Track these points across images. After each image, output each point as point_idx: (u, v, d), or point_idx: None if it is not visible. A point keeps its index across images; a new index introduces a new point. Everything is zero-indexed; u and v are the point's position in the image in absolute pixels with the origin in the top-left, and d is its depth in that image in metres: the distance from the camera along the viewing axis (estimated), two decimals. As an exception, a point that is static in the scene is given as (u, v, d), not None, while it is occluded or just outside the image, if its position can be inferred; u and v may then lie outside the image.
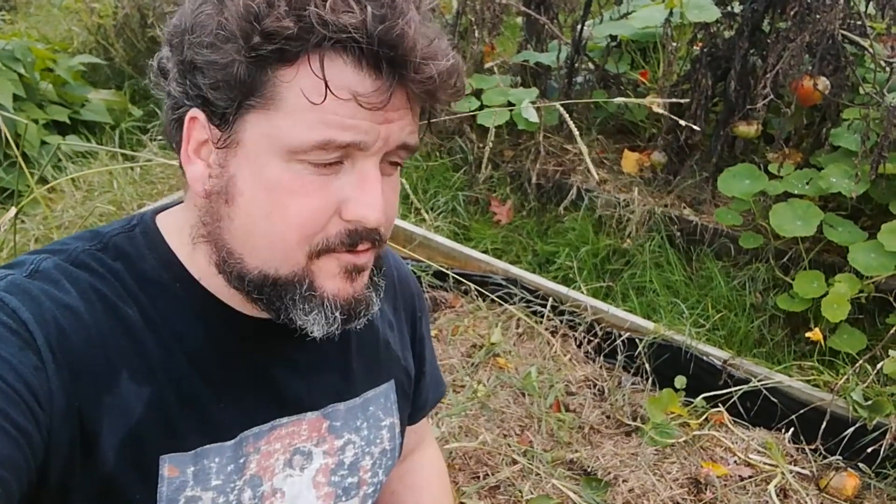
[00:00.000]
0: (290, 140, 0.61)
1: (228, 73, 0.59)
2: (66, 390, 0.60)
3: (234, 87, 0.60)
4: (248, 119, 0.62)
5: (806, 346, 2.29)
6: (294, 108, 0.60)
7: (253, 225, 0.64)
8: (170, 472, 0.66)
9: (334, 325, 0.67)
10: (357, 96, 0.59)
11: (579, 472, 1.83)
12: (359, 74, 0.59)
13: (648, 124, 3.18)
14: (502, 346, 2.21)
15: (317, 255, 0.65)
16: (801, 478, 1.84)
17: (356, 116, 0.60)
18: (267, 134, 0.61)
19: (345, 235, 0.65)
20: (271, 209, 0.63)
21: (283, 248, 0.64)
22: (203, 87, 0.61)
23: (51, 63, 3.43)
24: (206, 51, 0.60)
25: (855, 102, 2.48)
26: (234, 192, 0.64)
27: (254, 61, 0.59)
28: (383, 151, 0.64)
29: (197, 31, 0.61)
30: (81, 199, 2.60)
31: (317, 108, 0.59)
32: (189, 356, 0.69)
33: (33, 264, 0.66)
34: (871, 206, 2.49)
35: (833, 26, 2.30)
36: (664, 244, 2.68)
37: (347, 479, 0.82)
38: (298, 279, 0.65)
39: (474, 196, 3.06)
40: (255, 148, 0.62)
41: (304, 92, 0.59)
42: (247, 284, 0.66)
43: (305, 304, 0.66)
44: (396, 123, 0.63)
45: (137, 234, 0.72)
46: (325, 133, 0.60)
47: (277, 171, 0.62)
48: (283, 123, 0.61)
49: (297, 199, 0.62)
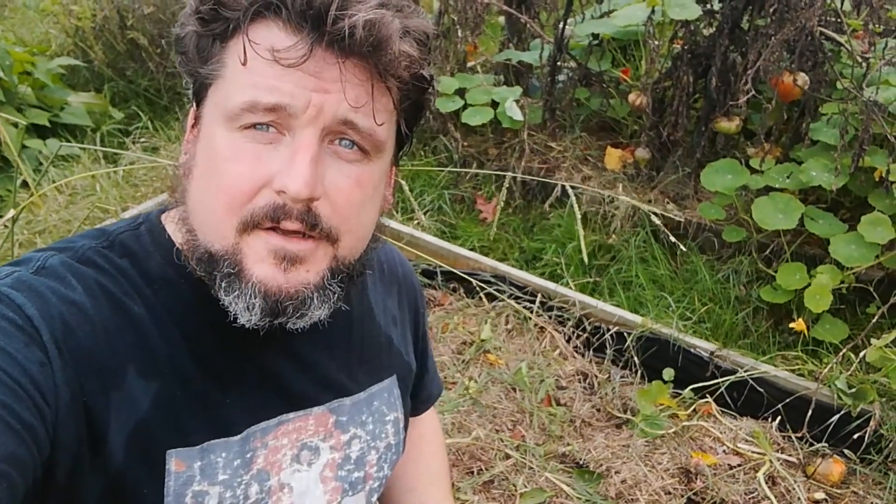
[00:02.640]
0: (227, 105, 0.63)
1: (187, 45, 0.65)
2: (71, 386, 0.60)
3: (191, 59, 0.65)
4: (209, 94, 0.66)
5: (790, 336, 2.33)
6: (231, 74, 0.63)
7: (198, 196, 0.66)
8: (177, 467, 0.67)
9: (254, 313, 0.64)
10: (275, 53, 0.60)
11: (572, 465, 1.85)
12: (285, 35, 0.61)
13: (630, 121, 3.21)
14: (492, 343, 2.22)
15: (244, 230, 0.63)
16: (789, 465, 1.88)
17: (282, 78, 0.60)
18: (214, 103, 0.65)
19: (270, 209, 0.62)
20: (209, 177, 0.65)
21: (215, 219, 0.64)
22: (178, 65, 0.67)
23: (29, 66, 3.39)
24: (177, 28, 0.66)
25: (833, 98, 2.53)
26: (192, 165, 0.67)
27: (203, 32, 0.63)
28: (321, 124, 0.62)
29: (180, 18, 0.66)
30: (65, 203, 2.58)
31: (246, 71, 0.61)
32: (195, 352, 0.69)
33: (40, 261, 0.66)
34: (850, 199, 2.54)
35: (812, 23, 2.34)
36: (649, 239, 2.71)
37: (354, 474, 0.82)
38: (227, 255, 0.64)
39: (460, 194, 3.07)
40: (208, 120, 0.66)
41: (239, 56, 0.61)
42: (196, 264, 0.67)
43: (229, 285, 0.64)
44: (333, 94, 0.61)
45: (143, 232, 0.73)
46: (251, 93, 0.61)
47: (219, 139, 0.64)
48: (223, 90, 0.64)
49: (229, 165, 0.63)
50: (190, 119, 0.70)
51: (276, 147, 0.62)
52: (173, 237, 0.72)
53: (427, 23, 0.66)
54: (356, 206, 0.66)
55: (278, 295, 0.63)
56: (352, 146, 0.65)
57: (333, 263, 0.67)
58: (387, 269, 0.94)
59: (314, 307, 0.66)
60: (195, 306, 0.70)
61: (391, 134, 0.69)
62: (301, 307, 0.65)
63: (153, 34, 3.76)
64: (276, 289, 0.63)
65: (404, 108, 0.69)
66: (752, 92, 2.40)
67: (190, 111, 0.70)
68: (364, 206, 0.68)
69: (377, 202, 0.72)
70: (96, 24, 3.88)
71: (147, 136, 3.33)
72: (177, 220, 0.71)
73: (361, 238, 0.70)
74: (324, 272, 0.66)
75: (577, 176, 3.00)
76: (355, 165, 0.66)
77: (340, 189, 0.64)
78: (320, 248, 0.65)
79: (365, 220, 0.69)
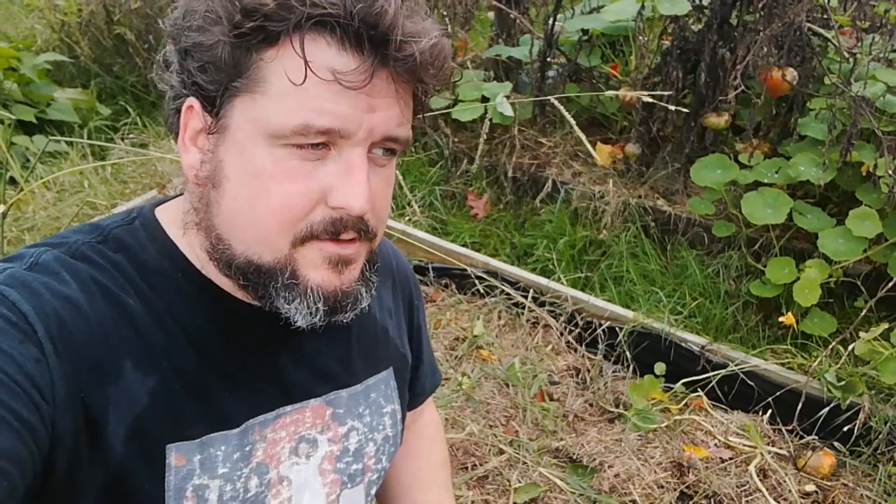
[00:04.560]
0: (272, 124, 0.61)
1: (214, 55, 0.60)
2: (68, 381, 0.60)
3: (220, 68, 0.61)
4: (236, 104, 0.63)
5: (779, 330, 2.35)
6: (277, 91, 0.60)
7: (238, 210, 0.65)
8: (177, 461, 0.67)
9: (317, 317, 0.66)
10: (337, 75, 0.59)
11: (565, 460, 1.86)
12: (341, 54, 0.60)
13: (620, 117, 3.22)
14: (485, 339, 2.23)
15: (300, 243, 0.65)
16: (780, 458, 1.89)
17: (337, 101, 0.60)
18: (253, 118, 0.62)
19: (329, 223, 0.64)
20: (254, 194, 0.63)
21: (265, 234, 0.64)
22: (193, 71, 0.63)
23: (14, 62, 3.35)
24: (195, 34, 0.61)
25: (821, 93, 2.55)
26: (222, 177, 0.65)
27: (238, 42, 0.59)
28: (369, 142, 0.64)
29: (188, 17, 0.62)
30: (53, 200, 2.55)
31: (298, 91, 0.59)
32: (193, 345, 0.69)
33: (33, 257, 0.65)
34: (837, 194, 2.56)
35: (800, 18, 2.35)
36: (639, 234, 2.72)
37: (352, 466, 0.83)
38: (281, 267, 0.65)
39: (451, 190, 3.07)
40: (242, 133, 0.63)
41: (286, 73, 0.59)
42: (234, 270, 0.67)
43: (288, 293, 0.66)
44: (382, 113, 0.63)
45: (137, 226, 0.72)
46: (304, 116, 0.60)
47: (262, 155, 0.62)
48: (267, 107, 0.61)
49: (279, 185, 0.62)
50: (198, 121, 0.66)
51: (325, 163, 0.63)
52: (169, 231, 0.72)
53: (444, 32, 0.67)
54: (388, 205, 0.72)
55: (337, 296, 0.67)
56: (386, 153, 0.68)
57: (369, 255, 0.71)
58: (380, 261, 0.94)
59: (364, 299, 0.70)
60: (192, 299, 0.70)
61: None
62: (355, 302, 0.69)
63: (140, 29, 3.73)
64: (333, 291, 0.67)
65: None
66: (741, 87, 2.42)
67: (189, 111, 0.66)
68: (390, 201, 0.72)
69: None
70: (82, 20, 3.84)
71: (135, 132, 3.30)
72: (188, 223, 0.70)
73: (385, 227, 0.74)
74: (364, 265, 0.70)
75: (567, 172, 3.01)
76: (386, 168, 0.69)
77: (380, 194, 0.68)
78: (364, 246, 0.69)
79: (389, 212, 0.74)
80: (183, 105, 0.66)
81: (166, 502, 0.67)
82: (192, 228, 0.69)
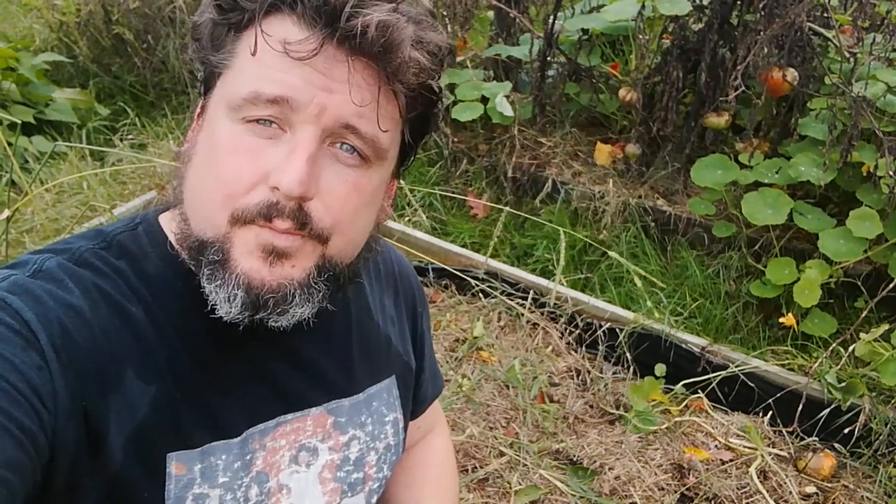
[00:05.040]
0: (231, 96, 0.63)
1: (201, 31, 0.66)
2: (70, 389, 0.60)
3: (203, 46, 0.66)
4: (216, 86, 0.66)
5: (779, 331, 2.35)
6: (238, 66, 0.64)
7: (195, 184, 0.67)
8: (177, 470, 0.66)
9: (234, 305, 0.63)
10: (287, 46, 0.60)
11: (566, 462, 1.86)
12: (296, 28, 0.61)
13: (620, 116, 3.22)
14: (485, 340, 2.22)
15: (237, 223, 0.63)
16: (780, 459, 1.89)
17: (289, 71, 0.61)
18: (221, 94, 0.65)
19: (264, 206, 0.62)
20: (208, 166, 0.65)
21: (210, 209, 0.64)
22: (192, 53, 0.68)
23: (13, 62, 3.34)
24: (195, 17, 0.67)
25: (821, 93, 2.54)
26: (192, 154, 0.68)
27: (221, 21, 0.64)
28: (322, 124, 0.62)
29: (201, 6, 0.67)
30: (52, 202, 2.55)
31: (255, 62, 0.62)
32: (194, 354, 0.68)
33: (36, 264, 0.65)
34: (838, 194, 2.56)
35: (800, 18, 2.35)
36: (639, 235, 2.72)
37: (353, 475, 0.82)
38: (217, 241, 0.64)
39: (450, 191, 3.07)
40: (213, 110, 0.66)
41: (249, 47, 0.62)
42: (188, 253, 0.67)
43: (213, 273, 0.63)
44: (339, 96, 0.61)
45: (141, 233, 0.72)
46: (255, 84, 0.61)
47: (221, 129, 0.64)
48: (229, 80, 0.64)
49: (228, 157, 0.63)
50: (197, 108, 0.71)
51: (276, 143, 0.62)
52: (171, 237, 0.71)
53: (442, 38, 0.66)
54: (350, 211, 0.66)
55: (260, 289, 0.63)
56: (352, 151, 0.65)
57: (321, 262, 0.66)
58: (383, 268, 0.93)
59: (296, 304, 0.65)
60: (193, 307, 0.69)
61: (394, 143, 0.69)
62: (282, 303, 0.64)
63: (139, 29, 3.72)
64: (259, 282, 0.63)
65: (410, 118, 0.69)
66: (742, 87, 2.41)
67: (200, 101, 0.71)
68: (359, 211, 0.67)
69: (373, 210, 0.71)
70: (81, 19, 3.82)
71: (134, 132, 3.30)
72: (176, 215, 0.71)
73: (353, 242, 0.70)
74: (310, 269, 0.65)
75: (567, 172, 3.01)
76: (353, 170, 0.65)
77: (335, 191, 0.64)
78: (308, 244, 0.64)
79: (359, 226, 0.69)
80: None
81: None
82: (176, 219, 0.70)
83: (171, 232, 0.71)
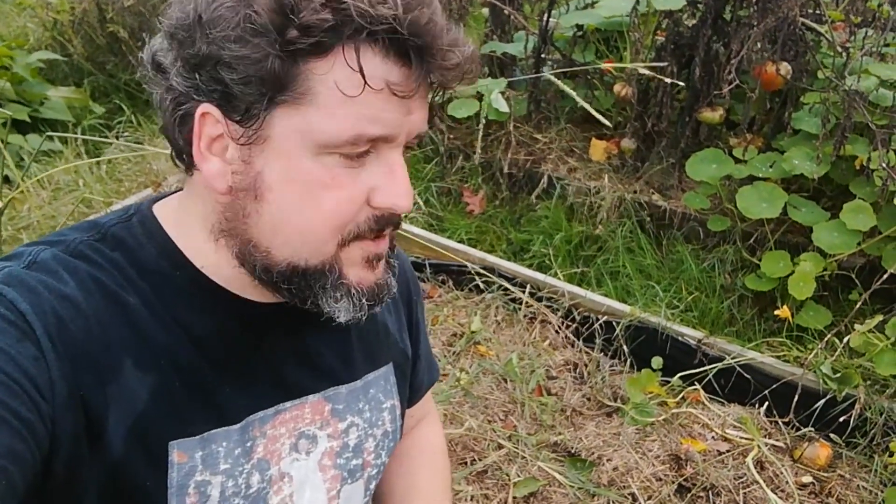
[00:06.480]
0: (322, 135, 0.61)
1: (262, 68, 0.58)
2: (67, 380, 0.60)
3: (266, 81, 0.59)
4: (277, 114, 0.61)
5: (774, 323, 2.36)
6: (327, 102, 0.60)
7: (284, 219, 0.65)
8: (179, 458, 0.67)
9: (361, 311, 0.69)
10: (391, 86, 0.60)
11: (564, 454, 1.87)
12: (387, 64, 0.60)
13: (615, 112, 3.23)
14: (482, 334, 2.23)
15: (346, 244, 0.67)
16: (777, 450, 1.91)
17: (386, 109, 0.61)
18: (298, 129, 0.61)
19: (373, 222, 0.66)
20: (304, 203, 0.64)
21: (315, 240, 0.66)
22: (229, 82, 0.59)
23: (7, 60, 3.33)
24: (235, 45, 0.58)
25: (815, 87, 2.56)
26: (263, 187, 0.64)
27: (288, 55, 0.58)
28: (405, 141, 0.66)
29: (220, 25, 0.58)
30: (48, 199, 2.54)
31: (350, 101, 0.60)
32: (193, 342, 0.69)
33: (31, 255, 0.65)
34: (832, 187, 2.57)
35: (793, 12, 2.36)
36: (635, 229, 2.73)
37: (352, 462, 0.83)
38: (329, 268, 0.67)
39: (446, 187, 3.07)
40: (286, 143, 0.62)
41: (338, 85, 0.59)
42: (275, 276, 0.67)
43: (336, 292, 0.68)
44: (417, 115, 0.65)
45: (135, 224, 0.72)
46: (358, 127, 0.61)
47: (309, 165, 0.62)
48: (315, 118, 0.60)
49: (330, 193, 0.63)
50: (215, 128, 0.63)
51: (366, 166, 0.65)
52: (167, 229, 0.72)
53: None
54: None
55: (374, 290, 0.71)
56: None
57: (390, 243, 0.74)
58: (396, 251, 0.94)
59: (393, 285, 0.74)
60: (191, 296, 0.70)
61: None
62: (389, 291, 0.73)
63: (133, 27, 3.71)
64: (371, 286, 0.70)
65: None
66: (736, 82, 2.42)
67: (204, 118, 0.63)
68: None
69: None
70: (75, 18, 3.82)
71: (129, 130, 3.30)
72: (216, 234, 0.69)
73: None
74: (387, 252, 0.73)
75: (562, 167, 3.02)
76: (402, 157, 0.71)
77: None
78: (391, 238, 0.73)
79: None
80: (195, 111, 0.63)
81: (168, 500, 0.67)
82: (222, 237, 0.69)
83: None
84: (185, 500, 0.68)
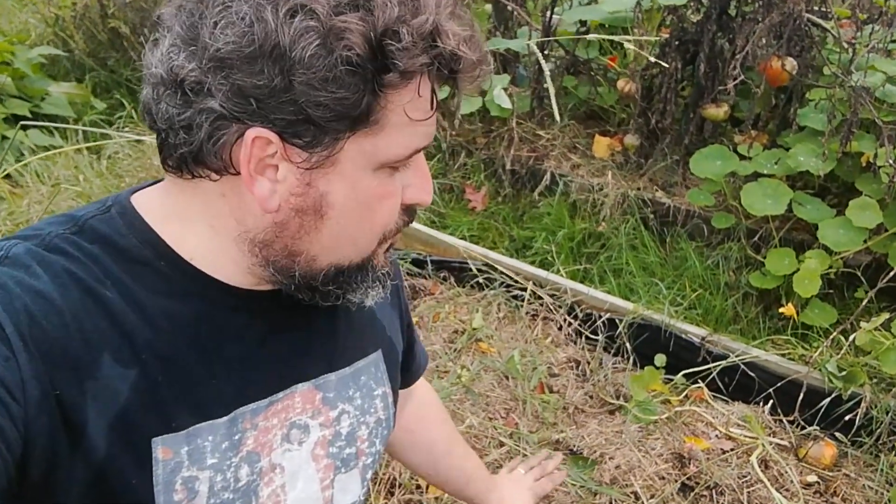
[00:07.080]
0: (388, 155, 0.64)
1: (355, 107, 0.59)
2: (40, 380, 0.58)
3: (355, 118, 0.60)
4: (347, 140, 0.62)
5: (779, 321, 2.34)
6: (393, 125, 0.63)
7: (342, 232, 0.67)
8: (164, 455, 0.65)
9: (386, 291, 0.75)
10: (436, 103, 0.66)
11: (566, 452, 1.85)
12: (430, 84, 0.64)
13: (618, 109, 3.21)
14: (484, 331, 2.22)
15: (385, 240, 0.72)
16: (781, 449, 1.89)
17: (432, 122, 0.67)
18: (364, 151, 0.63)
19: (402, 221, 0.72)
20: (363, 216, 0.67)
21: (367, 245, 0.70)
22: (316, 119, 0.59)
23: (8, 56, 3.32)
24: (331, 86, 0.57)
25: (820, 83, 2.54)
26: (325, 206, 0.65)
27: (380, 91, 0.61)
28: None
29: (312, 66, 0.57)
30: (48, 194, 2.53)
31: (409, 122, 0.63)
32: (178, 333, 0.67)
33: (2, 251, 0.63)
34: (837, 184, 2.55)
35: (799, 8, 2.34)
36: (638, 226, 2.71)
37: (345, 451, 0.81)
38: (370, 263, 0.72)
39: (449, 183, 3.06)
40: (352, 164, 0.64)
41: (406, 111, 0.62)
42: (319, 279, 0.70)
43: (373, 283, 0.73)
44: (434, 118, 0.68)
45: (114, 215, 0.69)
46: (415, 143, 0.66)
47: (369, 181, 0.65)
48: (383, 142, 0.63)
49: (384, 202, 0.68)
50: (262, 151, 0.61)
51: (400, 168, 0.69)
52: (148, 220, 0.69)
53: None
54: None
55: (389, 273, 0.76)
56: None
57: None
58: None
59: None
60: (175, 287, 0.67)
61: None
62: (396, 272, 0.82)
63: (135, 23, 3.70)
64: (387, 271, 0.75)
65: None
66: (741, 78, 2.40)
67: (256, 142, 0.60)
68: None
69: None
70: (76, 13, 3.81)
71: (130, 125, 3.28)
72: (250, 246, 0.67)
73: None
74: None
75: (565, 164, 3.00)
76: None
77: None
78: None
79: None
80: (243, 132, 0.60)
81: (155, 497, 0.65)
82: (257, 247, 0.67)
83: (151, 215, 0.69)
84: (172, 497, 0.66)
